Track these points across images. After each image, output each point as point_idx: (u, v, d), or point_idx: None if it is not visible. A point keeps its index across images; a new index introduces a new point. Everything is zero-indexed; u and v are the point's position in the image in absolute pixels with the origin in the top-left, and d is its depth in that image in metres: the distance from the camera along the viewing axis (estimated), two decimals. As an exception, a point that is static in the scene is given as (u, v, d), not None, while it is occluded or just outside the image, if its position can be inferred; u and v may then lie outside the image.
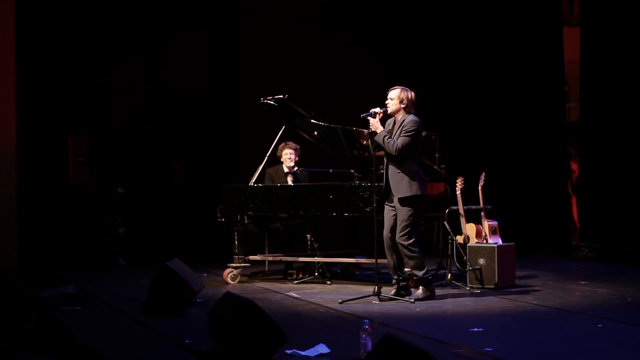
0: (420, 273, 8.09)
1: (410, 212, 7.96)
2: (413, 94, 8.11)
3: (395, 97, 8.09)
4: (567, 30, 12.40)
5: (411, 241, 7.96)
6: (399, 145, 7.91)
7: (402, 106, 8.07)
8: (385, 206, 8.15)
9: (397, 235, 8.00)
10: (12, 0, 10.25)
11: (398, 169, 8.00)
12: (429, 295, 8.15)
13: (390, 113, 8.11)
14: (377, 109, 8.09)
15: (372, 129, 8.06)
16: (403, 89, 8.13)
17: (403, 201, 7.98)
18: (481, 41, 12.93)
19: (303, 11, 13.11)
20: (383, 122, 8.11)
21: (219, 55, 12.91)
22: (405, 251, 7.99)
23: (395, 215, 8.05)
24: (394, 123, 8.12)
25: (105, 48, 12.41)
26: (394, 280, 8.21)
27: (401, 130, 7.97)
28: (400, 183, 7.99)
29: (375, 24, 13.36)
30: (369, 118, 8.08)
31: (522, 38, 12.49)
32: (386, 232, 8.12)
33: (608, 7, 11.59)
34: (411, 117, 8.04)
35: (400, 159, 7.96)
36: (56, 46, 10.51)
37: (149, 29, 12.62)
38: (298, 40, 13.08)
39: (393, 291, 8.15)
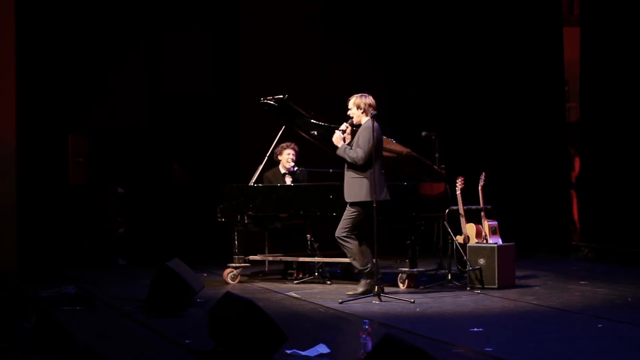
0: (358, 264, 8.35)
1: (355, 214, 8.26)
2: (370, 98, 8.27)
3: (353, 105, 8.29)
4: (567, 30, 12.41)
5: (345, 233, 8.26)
6: (359, 156, 8.08)
7: (362, 113, 8.24)
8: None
9: (337, 230, 8.31)
10: (12, 0, 10.22)
11: (355, 174, 8.19)
12: (366, 290, 8.23)
13: (356, 124, 8.30)
14: (344, 126, 8.31)
15: (335, 143, 8.26)
16: (359, 95, 8.30)
17: (352, 205, 8.26)
18: (481, 41, 12.92)
19: (303, 11, 13.11)
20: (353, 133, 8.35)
21: (220, 54, 12.91)
22: (342, 243, 8.31)
23: None
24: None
25: (105, 48, 12.41)
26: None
27: (357, 139, 8.13)
28: (351, 188, 8.23)
29: (375, 24, 13.36)
30: (338, 131, 8.29)
31: (522, 38, 12.48)
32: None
33: (608, 7, 11.60)
34: (364, 125, 8.19)
35: (364, 167, 8.14)
36: (56, 46, 10.47)
37: (149, 29, 12.62)
38: (298, 40, 13.08)
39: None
